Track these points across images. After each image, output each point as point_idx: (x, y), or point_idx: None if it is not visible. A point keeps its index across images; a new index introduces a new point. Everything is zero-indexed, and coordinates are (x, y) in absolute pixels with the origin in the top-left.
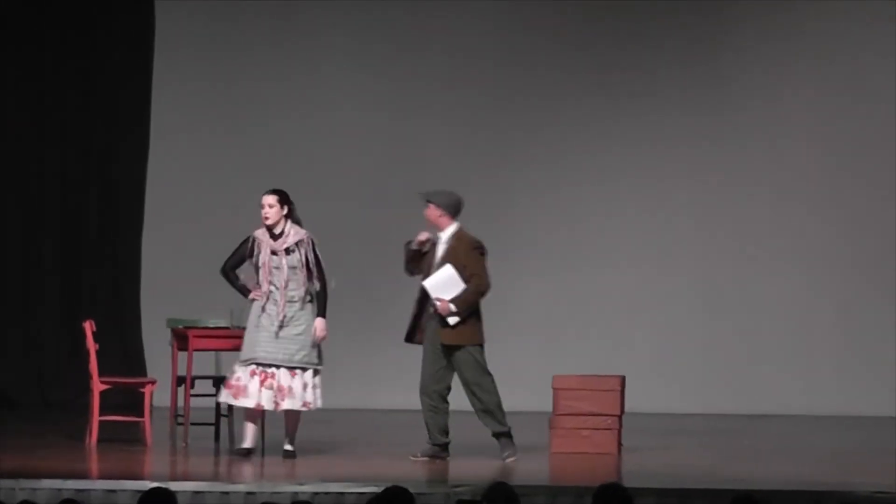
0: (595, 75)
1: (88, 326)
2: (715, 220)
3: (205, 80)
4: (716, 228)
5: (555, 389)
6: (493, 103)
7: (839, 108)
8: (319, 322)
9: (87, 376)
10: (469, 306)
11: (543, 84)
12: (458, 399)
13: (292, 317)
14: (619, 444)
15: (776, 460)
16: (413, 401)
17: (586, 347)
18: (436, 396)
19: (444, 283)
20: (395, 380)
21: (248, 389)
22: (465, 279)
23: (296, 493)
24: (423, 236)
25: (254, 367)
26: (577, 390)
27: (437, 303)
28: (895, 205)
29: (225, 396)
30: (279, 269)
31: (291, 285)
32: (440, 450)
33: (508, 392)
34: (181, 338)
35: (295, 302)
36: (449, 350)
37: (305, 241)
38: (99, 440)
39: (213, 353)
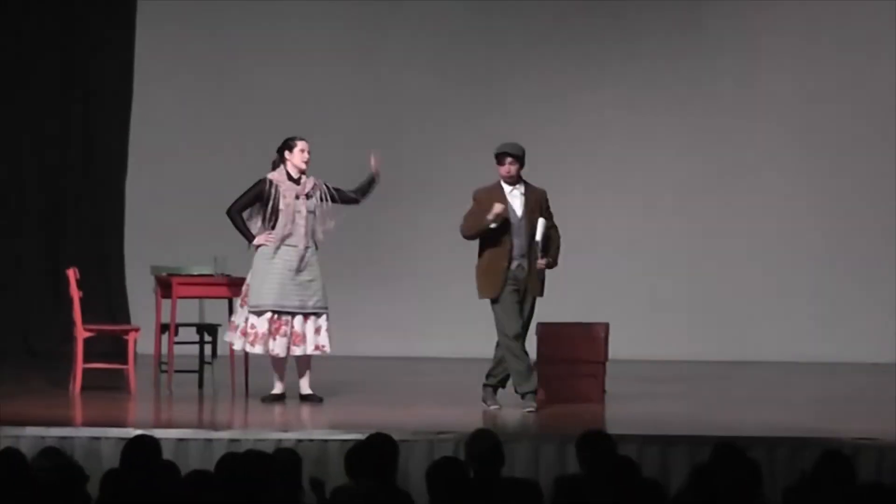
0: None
1: (72, 274)
2: (700, 169)
3: (188, 25)
4: (700, 177)
5: (538, 337)
6: (475, 50)
7: (825, 49)
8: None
9: (71, 324)
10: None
11: (526, 32)
12: (444, 346)
13: (309, 263)
14: (603, 392)
15: (759, 407)
16: (395, 348)
17: (570, 294)
18: (522, 344)
19: (541, 238)
20: (377, 327)
21: (265, 337)
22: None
23: (279, 441)
24: (500, 209)
25: (270, 314)
26: (560, 337)
27: (542, 260)
28: (877, 149)
29: (240, 343)
30: (300, 214)
31: (309, 229)
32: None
33: (492, 340)
34: (165, 285)
35: (309, 247)
36: (532, 302)
37: (320, 185)
38: (82, 388)
39: (197, 300)
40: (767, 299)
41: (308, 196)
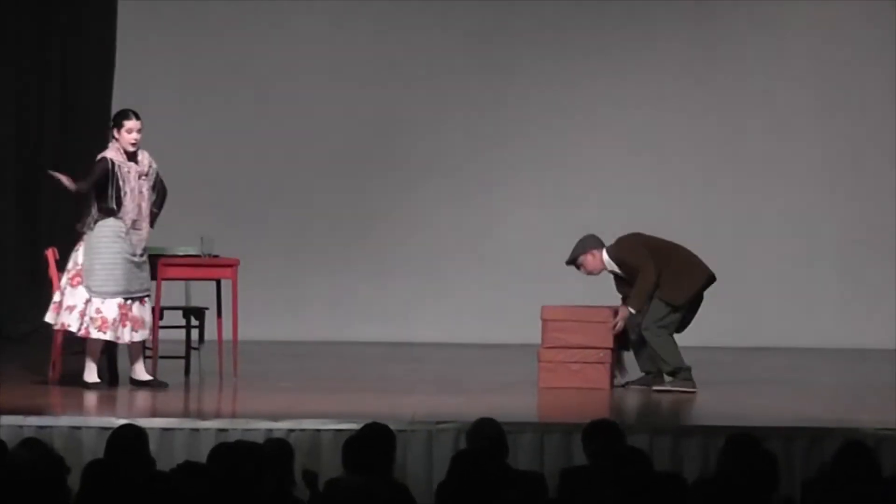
0: (587, 5)
1: (51, 254)
2: (712, 151)
3: None
4: (713, 159)
5: (543, 321)
6: (477, 34)
7: (840, 34)
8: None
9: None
10: (643, 296)
11: (532, 14)
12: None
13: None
14: (612, 379)
15: (775, 395)
16: (389, 333)
17: (577, 278)
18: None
19: None
20: (371, 311)
21: (115, 323)
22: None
23: (270, 431)
24: (619, 328)
25: (121, 300)
26: (566, 321)
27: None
28: (895, 134)
29: (77, 324)
30: (142, 195)
31: (151, 209)
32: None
33: (495, 324)
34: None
35: (151, 229)
36: None
37: (153, 164)
38: (62, 375)
39: (183, 282)
40: (786, 282)
41: (147, 175)
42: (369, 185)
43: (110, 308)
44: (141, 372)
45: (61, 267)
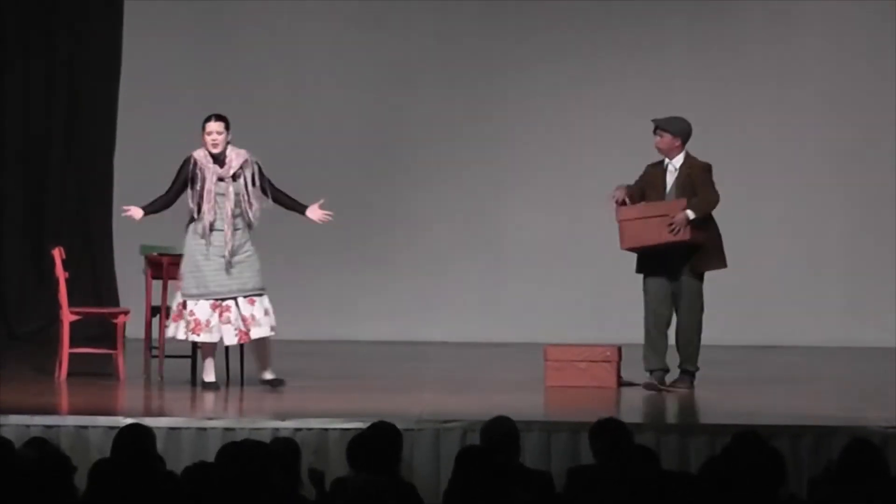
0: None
1: (57, 253)
2: (717, 151)
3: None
4: (718, 159)
5: (620, 222)
6: (485, 30)
7: (846, 32)
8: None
9: (56, 306)
10: (704, 212)
11: (539, 13)
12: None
13: (241, 245)
14: (619, 378)
15: (781, 393)
16: (396, 332)
17: (583, 278)
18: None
19: None
20: (378, 310)
21: (210, 324)
22: None
23: (276, 430)
24: (620, 196)
25: (213, 301)
26: (637, 220)
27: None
28: None
29: (183, 332)
30: (225, 197)
31: (237, 211)
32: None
33: (502, 322)
34: (156, 265)
35: (240, 229)
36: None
37: (250, 161)
38: (69, 374)
39: None
40: (791, 280)
41: (235, 177)
42: (375, 184)
43: (202, 309)
44: (268, 371)
45: (67, 266)
